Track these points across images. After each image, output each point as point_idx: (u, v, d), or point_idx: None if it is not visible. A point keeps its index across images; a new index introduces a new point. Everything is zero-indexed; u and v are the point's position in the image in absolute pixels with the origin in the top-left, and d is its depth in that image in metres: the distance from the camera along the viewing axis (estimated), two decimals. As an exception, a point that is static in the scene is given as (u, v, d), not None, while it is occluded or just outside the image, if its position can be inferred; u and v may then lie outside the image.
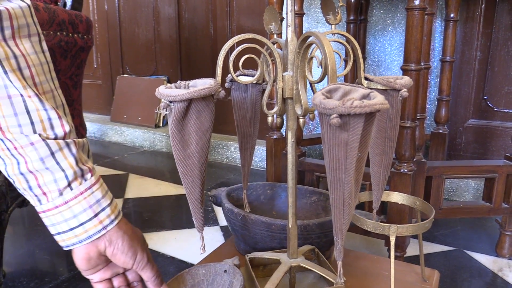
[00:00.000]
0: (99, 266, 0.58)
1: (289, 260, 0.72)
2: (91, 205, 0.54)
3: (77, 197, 0.54)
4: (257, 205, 0.98)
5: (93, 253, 0.55)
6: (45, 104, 0.53)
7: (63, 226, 0.54)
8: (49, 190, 0.53)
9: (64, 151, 0.54)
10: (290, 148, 0.68)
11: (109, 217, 0.56)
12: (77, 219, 0.53)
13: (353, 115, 0.49)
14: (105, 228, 0.55)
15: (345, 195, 0.53)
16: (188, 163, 0.61)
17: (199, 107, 0.59)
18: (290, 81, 0.64)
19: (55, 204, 0.53)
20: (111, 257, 0.57)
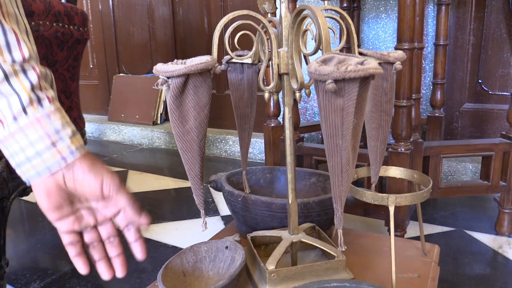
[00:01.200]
0: (64, 209, 0.52)
1: (290, 236, 0.73)
2: (48, 133, 0.49)
3: (33, 123, 0.49)
4: (257, 189, 0.99)
5: (52, 187, 0.50)
6: (4, 26, 0.50)
7: (20, 156, 0.49)
8: (4, 116, 0.49)
9: (20, 75, 0.50)
10: (287, 124, 0.69)
11: (69, 148, 0.50)
12: (34, 147, 0.49)
13: (348, 80, 0.50)
14: (65, 160, 0.50)
15: (343, 162, 0.54)
16: (187, 138, 0.61)
17: (196, 83, 0.59)
18: (285, 57, 0.65)
19: (10, 130, 0.49)
20: (73, 185, 0.51)
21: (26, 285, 1.05)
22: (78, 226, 0.54)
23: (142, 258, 0.58)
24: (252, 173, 1.00)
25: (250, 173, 1.00)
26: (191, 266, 0.71)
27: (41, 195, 0.51)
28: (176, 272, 0.69)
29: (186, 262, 0.71)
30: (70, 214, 0.53)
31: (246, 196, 0.84)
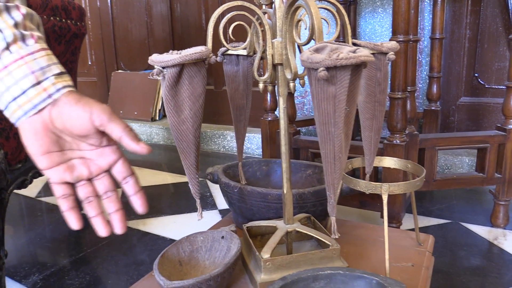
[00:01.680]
0: (54, 156, 0.49)
1: (285, 226, 0.74)
2: (34, 71, 0.48)
3: (17, 61, 0.48)
4: (253, 181, 1.00)
5: (39, 127, 0.48)
6: None
7: (7, 96, 0.48)
8: None
9: (3, 14, 0.49)
10: (282, 114, 0.69)
11: (54, 85, 0.49)
12: (19, 86, 0.47)
13: (340, 68, 0.51)
14: (51, 97, 0.48)
15: (336, 149, 0.55)
16: (182, 128, 0.62)
17: (191, 73, 0.60)
18: (279, 47, 0.66)
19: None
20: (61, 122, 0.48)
21: (25, 277, 1.05)
22: (70, 176, 0.50)
23: (143, 211, 0.53)
24: (248, 166, 1.01)
25: (246, 165, 1.01)
26: (187, 255, 0.72)
27: (29, 137, 0.48)
28: (173, 261, 0.70)
29: (183, 251, 0.72)
30: (61, 161, 0.50)
31: (242, 187, 0.85)
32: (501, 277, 0.99)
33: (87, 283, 1.02)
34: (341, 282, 0.63)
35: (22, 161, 0.88)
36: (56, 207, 1.50)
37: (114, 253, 1.16)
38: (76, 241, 1.25)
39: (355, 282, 0.62)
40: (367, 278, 0.61)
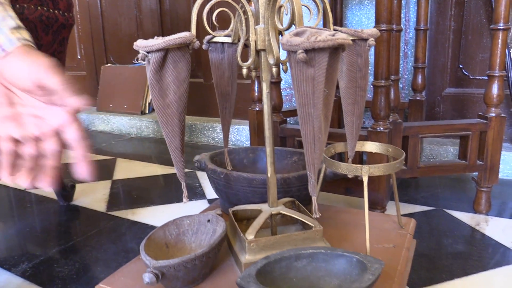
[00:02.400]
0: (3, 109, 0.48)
1: (270, 209, 0.75)
2: None
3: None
4: (240, 168, 1.01)
5: None
6: None
7: None
8: None
9: None
10: (265, 99, 0.71)
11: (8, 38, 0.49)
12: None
13: (318, 50, 0.52)
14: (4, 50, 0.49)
15: (315, 129, 0.57)
16: (167, 112, 0.64)
17: (175, 57, 0.62)
18: (262, 33, 0.67)
19: None
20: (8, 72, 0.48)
21: (14, 266, 1.06)
22: (18, 132, 0.47)
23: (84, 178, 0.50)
24: (235, 153, 1.03)
25: (233, 153, 1.03)
26: (174, 238, 0.74)
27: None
28: (159, 244, 0.71)
29: (169, 234, 0.74)
30: (10, 116, 0.48)
31: (228, 173, 0.87)
32: (482, 260, 1.01)
33: (76, 270, 1.03)
34: (323, 261, 0.65)
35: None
36: (45, 198, 1.51)
37: (103, 241, 1.17)
38: (65, 231, 1.26)
39: (336, 260, 0.64)
40: (348, 256, 0.63)
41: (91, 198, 1.49)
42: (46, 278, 1.00)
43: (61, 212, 1.39)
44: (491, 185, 1.22)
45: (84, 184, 1.63)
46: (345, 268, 0.63)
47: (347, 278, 0.62)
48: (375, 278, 0.58)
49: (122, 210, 1.37)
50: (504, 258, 1.02)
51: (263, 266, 0.62)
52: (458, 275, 0.96)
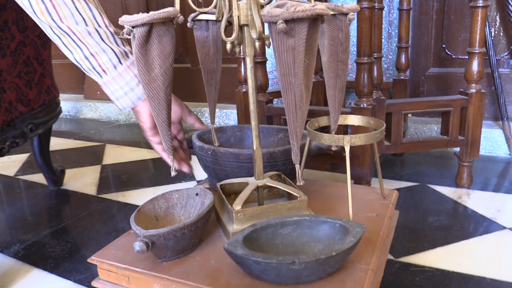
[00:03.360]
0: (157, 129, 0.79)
1: (256, 181, 0.78)
2: (136, 75, 0.77)
3: (126, 70, 0.76)
4: (227, 146, 1.03)
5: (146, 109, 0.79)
6: (89, 4, 0.77)
7: (120, 92, 0.77)
8: (107, 67, 0.76)
9: (110, 37, 0.77)
10: (249, 73, 0.73)
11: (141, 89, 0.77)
12: (129, 85, 0.77)
13: (297, 21, 0.54)
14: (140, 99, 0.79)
15: (297, 98, 0.59)
16: (153, 86, 0.65)
17: (160, 32, 0.63)
18: (245, 8, 0.69)
19: (112, 76, 0.76)
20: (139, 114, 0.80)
21: (7, 248, 1.08)
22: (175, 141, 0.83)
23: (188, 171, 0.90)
24: (222, 132, 1.05)
25: (220, 131, 1.04)
26: (163, 211, 0.76)
27: (146, 116, 0.80)
28: (149, 216, 0.73)
29: (158, 207, 0.76)
30: None
31: (215, 149, 0.88)
32: (463, 230, 1.05)
33: (68, 250, 1.05)
34: (307, 228, 0.67)
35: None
36: (35, 184, 1.52)
37: (94, 222, 1.19)
38: (56, 214, 1.27)
39: (320, 227, 0.67)
40: (331, 222, 0.66)
41: (81, 182, 1.50)
42: (38, 258, 1.02)
43: (51, 197, 1.40)
44: (473, 159, 1.25)
45: (74, 169, 1.65)
46: (328, 233, 0.66)
47: (330, 242, 0.65)
48: (356, 240, 0.61)
49: (112, 193, 1.39)
50: (485, 228, 1.05)
51: (250, 233, 0.64)
52: (440, 244, 0.99)
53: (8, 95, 0.93)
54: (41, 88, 1.09)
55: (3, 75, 0.92)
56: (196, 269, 0.66)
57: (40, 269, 0.97)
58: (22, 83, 1.00)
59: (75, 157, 1.83)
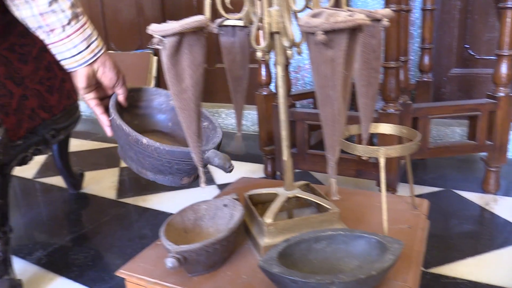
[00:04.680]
0: (92, 87, 0.78)
1: (286, 192, 0.76)
2: (85, 38, 0.75)
3: (75, 32, 0.74)
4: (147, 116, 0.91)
5: (90, 73, 0.77)
6: None
7: (66, 54, 0.75)
8: (55, 27, 0.72)
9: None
10: (280, 82, 0.71)
11: (97, 47, 0.77)
12: (77, 48, 0.74)
13: (337, 31, 0.52)
14: (96, 55, 0.77)
15: (335, 111, 0.57)
16: (183, 97, 0.63)
17: (190, 41, 0.61)
18: (276, 15, 0.67)
19: (60, 37, 0.73)
20: (102, 75, 0.78)
21: (29, 254, 1.07)
22: (98, 94, 0.80)
23: None
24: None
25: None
26: (192, 223, 0.74)
27: (82, 77, 0.76)
28: (178, 229, 0.72)
29: (187, 219, 0.74)
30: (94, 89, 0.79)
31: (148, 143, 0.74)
32: (493, 239, 1.02)
33: (91, 257, 1.04)
34: (342, 242, 0.65)
35: (22, 138, 0.89)
36: (54, 187, 1.51)
37: (116, 228, 1.18)
38: (77, 219, 1.27)
39: (355, 242, 0.65)
40: (367, 237, 0.64)
41: (100, 186, 1.50)
42: (62, 266, 1.01)
43: (71, 200, 1.39)
44: (500, 164, 1.22)
45: (93, 172, 1.64)
46: (364, 249, 0.64)
47: (366, 258, 0.63)
48: (395, 258, 0.58)
49: (132, 197, 1.38)
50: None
51: (284, 249, 0.62)
52: (470, 254, 0.97)
53: (30, 102, 0.92)
54: (62, 93, 1.08)
55: (25, 82, 0.91)
56: (227, 285, 0.64)
57: (64, 277, 0.96)
58: (43, 89, 0.99)
59: (93, 159, 1.83)
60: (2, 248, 0.79)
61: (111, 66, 0.79)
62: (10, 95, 0.84)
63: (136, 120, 0.88)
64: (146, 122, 0.90)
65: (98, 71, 0.78)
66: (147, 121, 0.90)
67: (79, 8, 0.76)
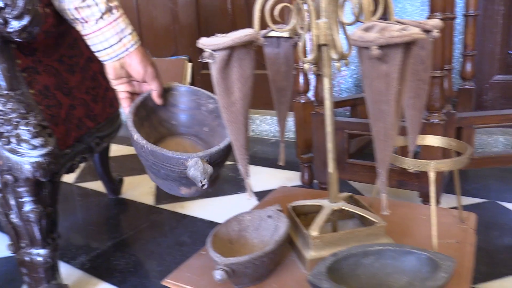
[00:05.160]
0: (123, 79, 0.79)
1: (331, 205, 0.75)
2: (117, 32, 0.75)
3: (107, 26, 0.75)
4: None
5: (117, 65, 0.77)
6: None
7: (98, 46, 0.76)
8: (89, 20, 0.74)
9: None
10: (327, 94, 0.70)
11: (130, 42, 0.77)
12: (108, 42, 0.75)
13: (392, 46, 0.51)
14: (128, 50, 0.76)
15: (387, 127, 0.56)
16: (232, 110, 0.64)
17: (240, 55, 0.61)
18: (324, 28, 0.66)
19: (92, 29, 0.75)
20: (129, 67, 0.78)
21: (73, 259, 1.10)
22: (130, 88, 0.80)
23: None
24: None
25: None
26: (236, 234, 0.74)
27: (110, 70, 0.77)
28: (223, 240, 0.72)
29: (232, 230, 0.74)
30: (126, 82, 0.79)
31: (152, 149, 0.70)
32: (542, 254, 0.98)
33: (133, 264, 1.05)
34: (391, 258, 0.64)
35: (70, 146, 0.92)
36: (94, 192, 1.55)
37: (155, 235, 1.19)
38: (117, 224, 1.29)
39: (404, 258, 0.63)
40: (417, 254, 0.63)
41: (139, 191, 1.52)
42: (104, 271, 1.03)
43: (111, 206, 1.42)
44: (549, 176, 1.18)
45: (130, 177, 1.67)
46: (414, 265, 0.62)
47: (417, 275, 0.61)
48: (448, 276, 0.57)
49: (170, 203, 1.39)
50: None
51: (332, 263, 0.61)
52: (519, 269, 0.93)
53: (78, 111, 0.94)
54: (105, 102, 1.10)
55: (73, 92, 0.93)
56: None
57: (107, 283, 0.98)
58: (89, 98, 1.01)
59: (130, 164, 1.86)
60: (50, 254, 0.81)
61: (139, 60, 0.77)
62: (60, 106, 0.86)
63: (173, 120, 0.85)
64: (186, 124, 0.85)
65: (126, 63, 0.77)
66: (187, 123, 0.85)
67: (114, 2, 0.76)
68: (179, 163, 0.68)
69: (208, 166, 0.67)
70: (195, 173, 0.66)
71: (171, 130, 0.85)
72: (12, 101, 0.72)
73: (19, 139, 0.71)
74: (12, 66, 0.73)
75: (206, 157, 0.69)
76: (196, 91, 0.84)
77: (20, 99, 0.73)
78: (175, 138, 0.85)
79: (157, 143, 0.82)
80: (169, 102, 0.84)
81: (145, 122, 0.80)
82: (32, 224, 0.76)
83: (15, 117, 0.72)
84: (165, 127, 0.84)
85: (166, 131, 0.84)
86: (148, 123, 0.81)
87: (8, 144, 0.70)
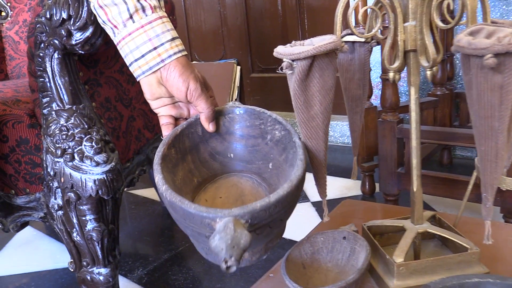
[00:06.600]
0: (164, 99, 0.62)
1: (415, 226, 0.68)
2: (151, 38, 0.58)
3: (138, 29, 0.58)
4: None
5: (154, 82, 0.60)
6: None
7: (130, 57, 0.59)
8: (117, 23, 0.58)
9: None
10: (413, 105, 0.63)
11: (167, 52, 0.59)
12: (139, 50, 0.58)
13: (509, 54, 0.44)
14: (163, 61, 0.59)
15: (498, 146, 0.48)
16: (312, 125, 0.58)
17: (322, 65, 0.56)
18: (413, 32, 0.59)
19: (122, 35, 0.59)
20: (167, 83, 0.60)
21: (130, 272, 1.07)
22: (174, 112, 0.63)
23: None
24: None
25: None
26: (309, 257, 0.69)
27: (145, 88, 0.61)
28: (296, 264, 0.66)
29: (304, 253, 0.68)
30: (169, 103, 0.62)
31: None
32: None
33: (191, 279, 1.02)
34: (492, 292, 0.56)
35: (130, 159, 0.89)
36: (147, 200, 1.53)
37: (212, 247, 1.15)
38: (172, 235, 1.26)
39: (509, 292, 0.55)
40: (525, 288, 0.55)
41: (192, 200, 1.49)
42: (162, 286, 1.00)
43: (165, 215, 1.40)
44: None
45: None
46: (522, 302, 0.54)
47: (526, 314, 0.53)
48: None
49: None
50: None
51: (426, 298, 0.54)
52: None
53: (137, 122, 0.91)
54: (162, 110, 1.07)
55: (133, 103, 0.90)
56: (357, 333, 0.58)
57: (166, 300, 0.95)
58: (147, 108, 0.98)
59: (181, 171, 1.84)
60: (111, 274, 0.78)
61: (179, 73, 0.59)
62: (120, 118, 0.83)
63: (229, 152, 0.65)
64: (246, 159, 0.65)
65: (162, 77, 0.60)
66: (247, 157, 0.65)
67: (152, 1, 0.59)
68: (204, 223, 0.46)
69: (244, 233, 0.43)
70: (218, 245, 0.42)
71: (226, 166, 0.65)
72: (74, 116, 0.69)
73: (83, 155, 0.67)
74: (74, 79, 0.70)
75: (244, 216, 0.45)
76: (260, 113, 0.63)
77: (83, 113, 0.70)
78: (229, 177, 0.65)
79: (204, 184, 0.63)
80: (224, 129, 0.65)
81: (188, 156, 0.62)
82: (94, 243, 0.73)
83: (78, 132, 0.69)
84: (218, 161, 0.64)
85: (219, 167, 0.65)
86: (192, 158, 0.63)
87: (71, 161, 0.67)
